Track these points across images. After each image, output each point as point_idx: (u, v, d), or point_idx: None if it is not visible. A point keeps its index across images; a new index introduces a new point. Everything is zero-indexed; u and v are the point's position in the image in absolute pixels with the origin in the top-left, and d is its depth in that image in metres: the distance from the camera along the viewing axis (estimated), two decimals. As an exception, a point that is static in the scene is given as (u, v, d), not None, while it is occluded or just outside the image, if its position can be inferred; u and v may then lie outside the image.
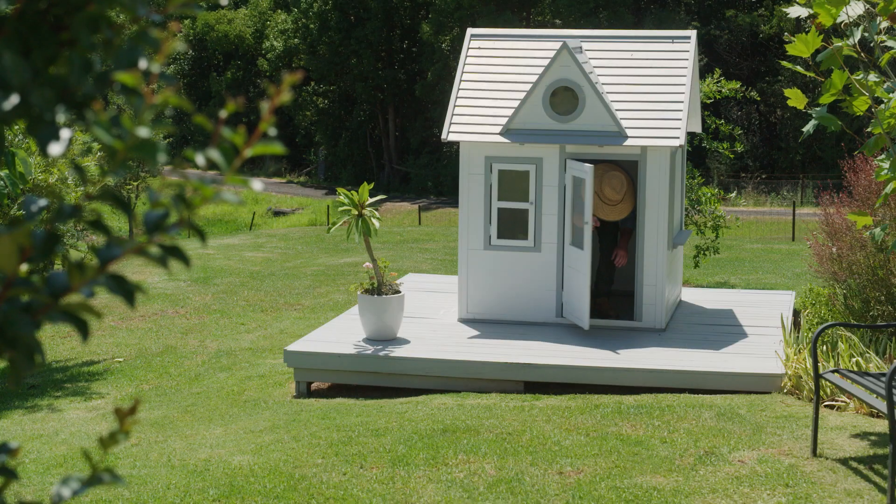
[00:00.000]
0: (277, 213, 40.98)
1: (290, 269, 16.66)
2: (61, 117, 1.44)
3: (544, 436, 7.05)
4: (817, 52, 6.07)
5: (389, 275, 9.44)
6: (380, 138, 48.71)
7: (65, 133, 1.44)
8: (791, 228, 24.37)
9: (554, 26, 41.27)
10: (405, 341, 9.29)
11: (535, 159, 9.71)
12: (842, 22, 5.81)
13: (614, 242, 9.99)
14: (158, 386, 9.80)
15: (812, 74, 6.13)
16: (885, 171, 5.91)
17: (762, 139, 42.96)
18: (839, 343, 8.15)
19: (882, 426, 7.04)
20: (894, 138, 5.90)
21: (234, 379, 9.67)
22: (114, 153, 1.43)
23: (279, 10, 53.15)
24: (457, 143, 10.45)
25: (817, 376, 6.72)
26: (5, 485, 1.53)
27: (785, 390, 8.08)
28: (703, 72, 29.61)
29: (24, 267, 1.41)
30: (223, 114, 1.47)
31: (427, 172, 45.10)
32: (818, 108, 6.17)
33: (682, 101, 9.56)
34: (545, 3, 43.33)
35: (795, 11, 5.95)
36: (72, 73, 1.44)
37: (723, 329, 9.73)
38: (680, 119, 9.47)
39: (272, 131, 1.48)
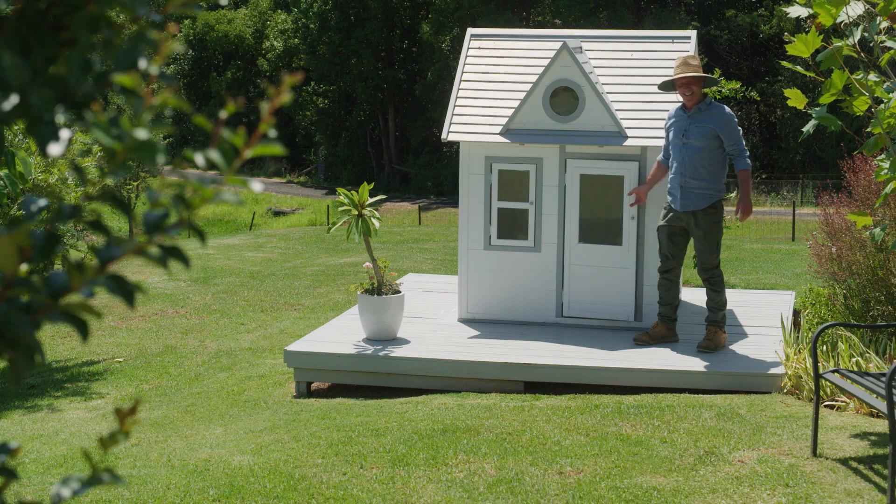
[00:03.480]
0: (277, 213, 41.01)
1: (290, 269, 16.66)
2: (61, 117, 1.44)
3: (544, 436, 7.05)
4: (817, 52, 6.07)
5: (389, 275, 9.44)
6: (380, 138, 48.72)
7: (64, 133, 1.44)
8: (791, 228, 24.38)
9: (554, 26, 41.28)
10: (405, 341, 9.29)
11: (535, 159, 9.71)
12: (842, 22, 5.81)
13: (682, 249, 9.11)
14: (158, 386, 9.80)
15: (812, 74, 6.13)
16: (885, 171, 5.91)
17: (762, 139, 42.98)
18: (839, 343, 8.15)
19: (882, 426, 7.04)
20: (894, 138, 5.90)
21: (234, 379, 9.67)
22: (113, 154, 1.43)
23: (279, 10, 53.18)
24: (457, 143, 10.46)
25: (817, 376, 6.72)
26: (5, 485, 1.53)
27: (785, 390, 8.09)
28: (704, 72, 29.59)
29: (23, 267, 1.41)
30: (223, 114, 1.47)
31: (427, 172, 45.11)
32: (818, 108, 6.17)
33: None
34: (545, 3, 43.33)
35: (795, 11, 5.96)
36: (71, 73, 1.44)
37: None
38: (680, 119, 9.46)
39: (272, 132, 1.48)
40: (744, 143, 8.83)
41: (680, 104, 8.98)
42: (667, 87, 9.00)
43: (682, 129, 8.85)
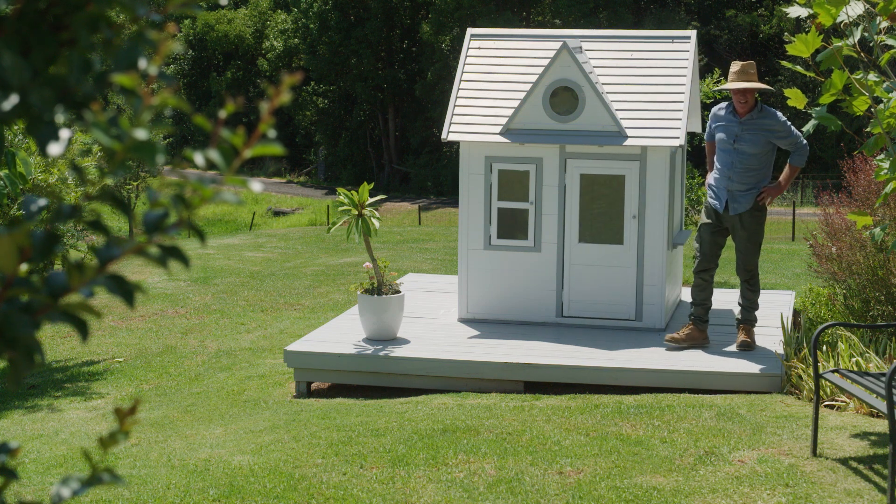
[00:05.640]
0: (277, 213, 41.01)
1: (290, 269, 16.66)
2: (61, 117, 1.44)
3: (544, 436, 7.05)
4: (817, 52, 6.07)
5: (389, 275, 9.44)
6: (380, 138, 48.72)
7: (64, 133, 1.45)
8: (791, 228, 24.39)
9: (554, 26, 41.28)
10: (405, 341, 9.29)
11: (535, 159, 9.71)
12: (842, 22, 5.81)
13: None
14: (158, 386, 9.80)
15: (812, 74, 6.13)
16: (885, 171, 5.91)
17: (762, 139, 42.97)
18: (839, 343, 8.15)
19: (882, 426, 7.04)
20: (894, 138, 5.90)
21: (234, 379, 9.67)
22: (112, 154, 1.43)
23: (279, 10, 53.17)
24: (457, 143, 10.46)
25: (817, 376, 6.72)
26: (5, 485, 1.53)
27: (785, 390, 8.09)
28: (703, 72, 29.60)
29: (23, 267, 1.41)
30: (222, 114, 1.47)
31: (427, 172, 45.11)
32: (818, 108, 6.17)
33: (682, 101, 9.56)
34: (545, 3, 43.33)
35: (795, 11, 5.96)
36: (71, 73, 1.44)
37: (723, 329, 9.72)
38: (680, 119, 9.47)
39: (271, 132, 1.48)
40: (801, 136, 8.43)
41: (728, 104, 8.88)
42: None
43: (732, 134, 8.74)
